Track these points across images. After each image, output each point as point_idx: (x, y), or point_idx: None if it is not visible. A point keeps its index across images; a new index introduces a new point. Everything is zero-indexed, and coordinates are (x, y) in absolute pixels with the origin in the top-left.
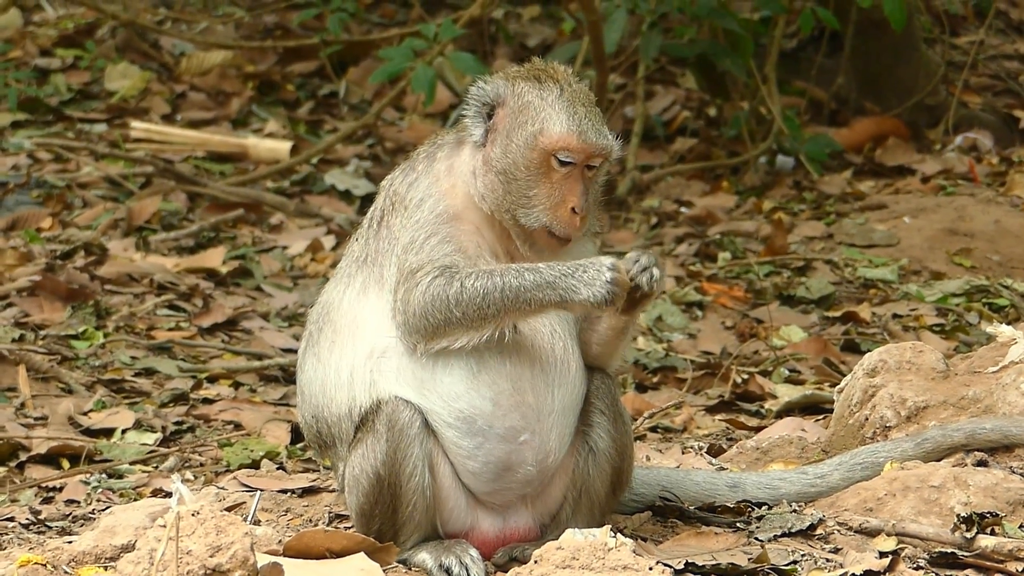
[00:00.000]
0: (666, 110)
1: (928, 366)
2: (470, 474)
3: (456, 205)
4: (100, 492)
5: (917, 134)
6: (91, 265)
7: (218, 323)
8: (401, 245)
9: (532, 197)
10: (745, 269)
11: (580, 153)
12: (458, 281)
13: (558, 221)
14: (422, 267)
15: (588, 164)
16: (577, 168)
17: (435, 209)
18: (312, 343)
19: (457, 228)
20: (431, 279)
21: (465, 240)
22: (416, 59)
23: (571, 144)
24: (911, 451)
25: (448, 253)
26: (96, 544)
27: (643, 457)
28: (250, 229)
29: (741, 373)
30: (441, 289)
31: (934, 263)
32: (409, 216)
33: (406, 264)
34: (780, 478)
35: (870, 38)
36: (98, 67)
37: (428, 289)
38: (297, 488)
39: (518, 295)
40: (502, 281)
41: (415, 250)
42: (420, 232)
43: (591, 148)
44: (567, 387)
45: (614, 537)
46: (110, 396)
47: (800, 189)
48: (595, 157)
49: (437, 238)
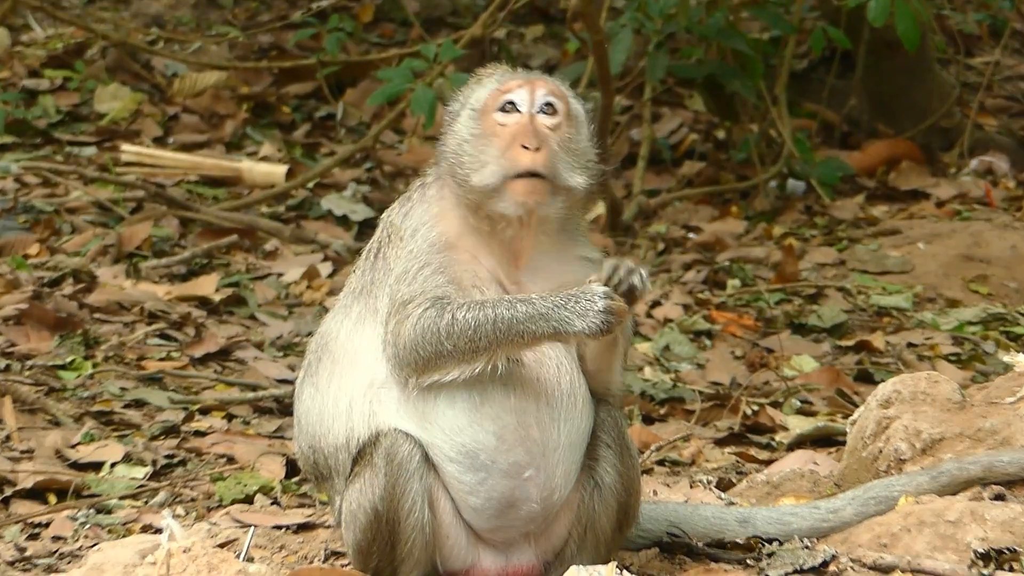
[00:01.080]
0: (673, 133)
1: (944, 397)
2: (472, 510)
3: (450, 232)
4: (88, 528)
5: (931, 157)
6: (80, 293)
7: (211, 353)
8: (394, 276)
9: (484, 156)
10: (755, 297)
11: (515, 91)
12: (449, 313)
13: (512, 162)
14: (413, 299)
15: (541, 110)
16: (525, 115)
17: (428, 238)
18: (310, 373)
19: (451, 257)
20: (422, 311)
21: (459, 269)
22: (416, 80)
23: (504, 86)
24: (926, 485)
25: (440, 284)
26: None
27: (650, 491)
28: (244, 256)
29: (751, 404)
30: (432, 321)
31: (949, 290)
32: (404, 246)
33: (398, 295)
34: (791, 513)
35: (883, 58)
36: (88, 88)
37: (419, 321)
38: (292, 524)
39: (510, 327)
40: (494, 313)
41: (407, 281)
42: (413, 263)
43: (523, 81)
44: (573, 421)
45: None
46: (99, 428)
47: (811, 214)
48: (537, 92)
49: (430, 268)
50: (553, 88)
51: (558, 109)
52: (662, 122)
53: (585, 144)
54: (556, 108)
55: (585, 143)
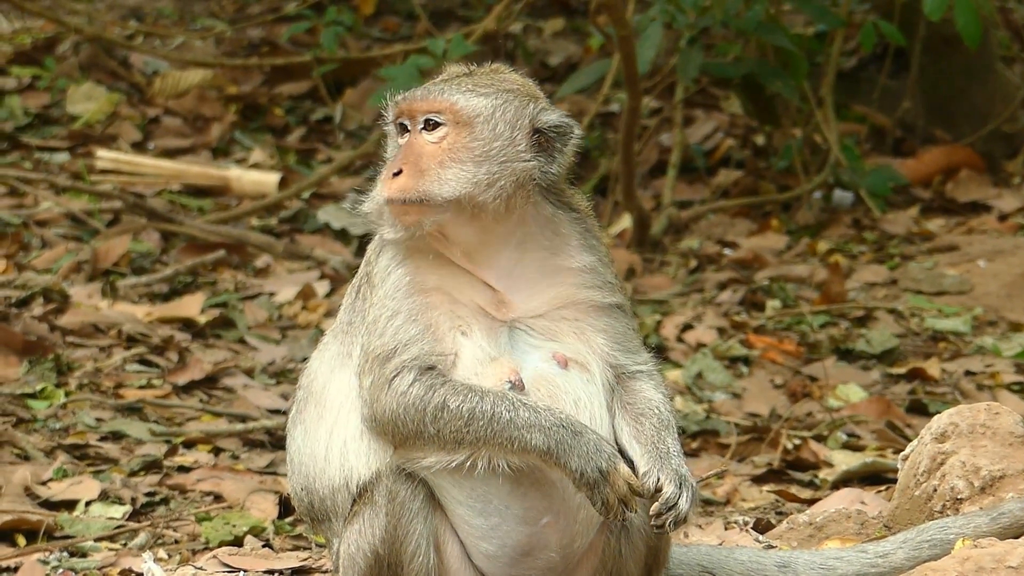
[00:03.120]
0: (707, 138)
1: (1005, 430)
2: (484, 556)
3: (422, 270)
4: (61, 573)
5: (993, 166)
6: (51, 314)
7: (196, 380)
8: (367, 323)
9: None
10: (797, 320)
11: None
12: (441, 395)
13: (382, 188)
14: (391, 358)
15: (424, 127)
16: (408, 138)
17: (399, 281)
18: (299, 411)
19: (424, 301)
20: (410, 383)
21: (435, 314)
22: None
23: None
24: (985, 526)
25: (415, 337)
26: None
27: (681, 534)
28: (232, 273)
29: (792, 438)
30: (420, 399)
31: (1012, 312)
32: (376, 290)
33: (371, 348)
34: (836, 557)
35: (940, 56)
36: (59, 88)
37: (406, 394)
38: (286, 569)
39: (505, 429)
40: (492, 409)
41: (378, 332)
42: (383, 310)
43: (404, 103)
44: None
45: None
46: (72, 463)
47: (860, 228)
48: (417, 114)
49: (401, 317)
50: (431, 103)
51: (441, 121)
52: (695, 126)
53: (488, 143)
54: (439, 121)
55: (488, 141)
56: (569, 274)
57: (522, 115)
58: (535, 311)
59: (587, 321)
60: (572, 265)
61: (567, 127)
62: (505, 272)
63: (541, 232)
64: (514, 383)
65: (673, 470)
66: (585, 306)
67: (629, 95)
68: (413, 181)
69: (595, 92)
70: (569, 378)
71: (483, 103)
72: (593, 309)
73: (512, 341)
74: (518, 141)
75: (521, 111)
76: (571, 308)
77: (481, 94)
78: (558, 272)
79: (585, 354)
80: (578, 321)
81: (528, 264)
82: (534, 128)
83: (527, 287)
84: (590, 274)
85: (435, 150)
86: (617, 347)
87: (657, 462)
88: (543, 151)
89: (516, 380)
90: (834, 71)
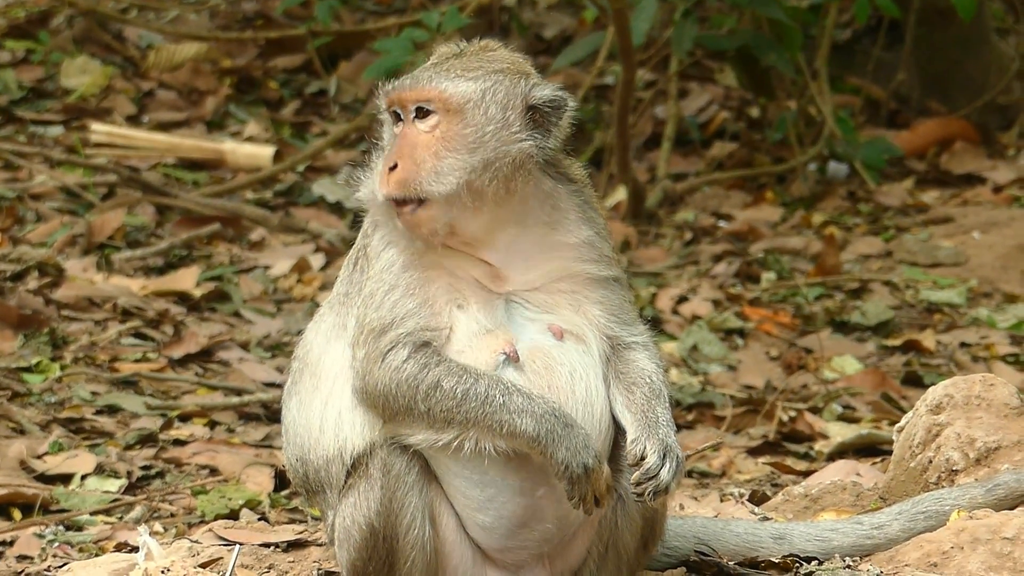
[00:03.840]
0: (702, 110)
1: (1000, 401)
2: (479, 528)
3: (417, 246)
4: (57, 546)
5: (988, 138)
6: (46, 287)
7: (191, 354)
8: (363, 296)
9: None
10: (792, 292)
11: (394, 104)
12: (436, 373)
13: (379, 183)
14: (386, 332)
15: (416, 117)
16: (401, 128)
17: (396, 255)
18: (295, 382)
19: (422, 276)
20: (404, 358)
21: (434, 288)
22: (416, 52)
23: (385, 100)
24: (981, 498)
25: (412, 311)
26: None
27: (676, 506)
28: (227, 246)
29: (788, 410)
30: (413, 376)
31: (1007, 284)
32: (373, 263)
33: (366, 320)
34: (832, 529)
35: (935, 29)
36: (53, 61)
37: (399, 369)
38: (281, 541)
39: (497, 412)
40: (486, 392)
41: (375, 305)
42: (381, 284)
43: (394, 92)
44: (591, 433)
45: None
46: (68, 437)
47: (855, 200)
48: (407, 103)
49: (399, 292)
50: (420, 92)
51: (432, 109)
52: (690, 99)
53: (481, 128)
54: (429, 109)
55: (481, 127)
56: (567, 248)
57: (514, 94)
58: (531, 284)
59: (583, 293)
60: (570, 240)
61: (561, 100)
62: (503, 248)
63: (540, 207)
64: (508, 355)
65: (659, 440)
66: (582, 279)
67: (624, 67)
68: (411, 176)
69: (590, 65)
70: (565, 350)
71: (472, 88)
72: (589, 282)
73: (508, 314)
74: (512, 122)
75: (512, 90)
76: (567, 281)
77: (470, 78)
78: (556, 247)
79: (581, 326)
80: (574, 294)
81: (526, 239)
82: (528, 105)
83: (524, 261)
84: (587, 248)
85: (429, 140)
86: (613, 319)
87: (645, 431)
88: (538, 127)
89: (511, 352)
90: (828, 43)
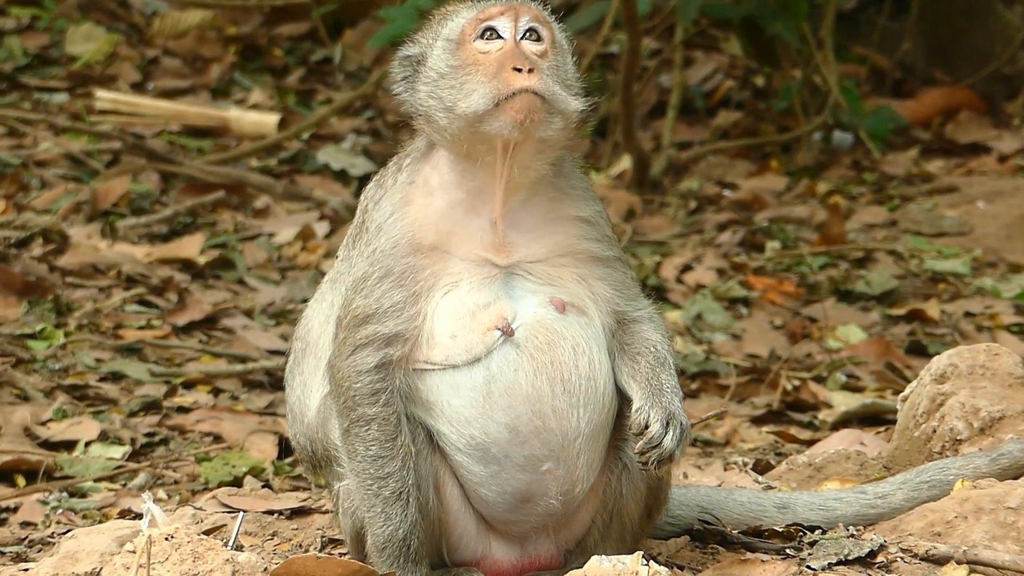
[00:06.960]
0: (707, 79)
1: (1005, 371)
2: (483, 501)
3: (420, 225)
4: (60, 513)
5: (993, 107)
6: (50, 254)
7: (195, 321)
8: (353, 277)
9: (469, 84)
10: (797, 261)
11: (497, 18)
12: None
13: (504, 83)
14: (368, 322)
15: (525, 36)
16: (509, 41)
17: (393, 237)
18: (298, 362)
19: (415, 263)
20: (368, 368)
21: (425, 276)
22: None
23: (484, 13)
24: (985, 468)
25: (397, 306)
26: (56, 572)
27: (680, 474)
28: (232, 214)
29: (792, 379)
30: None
31: (1012, 254)
32: (367, 244)
33: (352, 305)
34: (835, 498)
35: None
36: (58, 28)
37: (359, 376)
38: (285, 509)
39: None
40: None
41: (364, 291)
42: (374, 268)
43: (505, 7)
44: (594, 407)
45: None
46: (72, 404)
47: (860, 170)
48: (521, 18)
49: (389, 281)
50: (537, 14)
51: (543, 36)
52: (695, 67)
53: (572, 73)
54: (540, 34)
55: (572, 72)
56: (572, 223)
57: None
58: (536, 256)
59: (587, 269)
60: (576, 214)
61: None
62: (511, 212)
63: (554, 178)
64: (503, 329)
65: (663, 407)
66: (584, 256)
67: (629, 36)
68: (545, 81)
69: (595, 33)
70: (567, 323)
71: (564, 37)
72: (592, 260)
73: (510, 286)
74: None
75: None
76: (571, 257)
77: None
78: (562, 220)
79: (584, 298)
80: (577, 268)
81: (535, 207)
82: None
83: (530, 230)
84: (591, 226)
85: (542, 63)
86: (617, 294)
87: (648, 399)
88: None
89: (504, 326)
90: (834, 12)
